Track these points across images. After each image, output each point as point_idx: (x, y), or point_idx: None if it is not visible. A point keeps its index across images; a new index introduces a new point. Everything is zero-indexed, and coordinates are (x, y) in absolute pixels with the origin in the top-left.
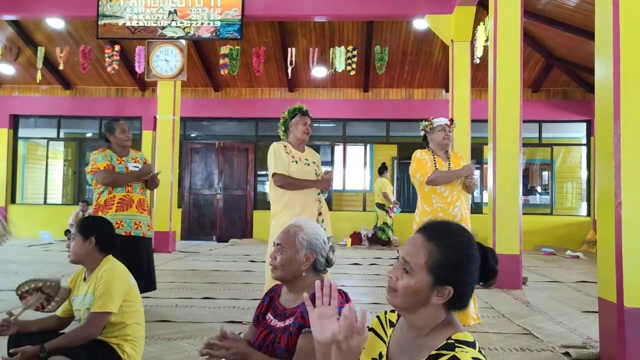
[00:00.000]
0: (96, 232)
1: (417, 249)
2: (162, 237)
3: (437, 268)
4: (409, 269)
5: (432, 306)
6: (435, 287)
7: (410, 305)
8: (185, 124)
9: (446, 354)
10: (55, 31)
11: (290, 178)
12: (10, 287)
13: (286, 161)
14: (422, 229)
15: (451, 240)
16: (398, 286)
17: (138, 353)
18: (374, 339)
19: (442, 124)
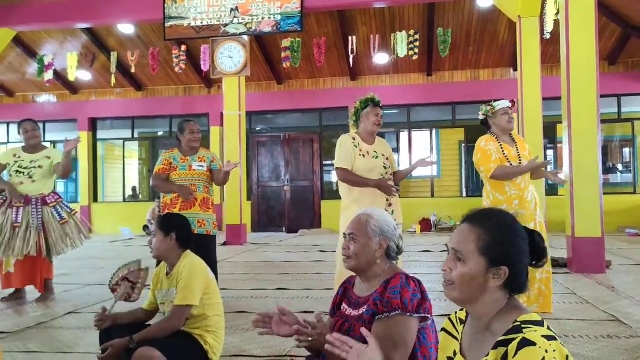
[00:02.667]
0: (176, 229)
1: (465, 236)
2: (234, 230)
3: (488, 248)
4: (461, 256)
5: (491, 291)
6: (490, 269)
7: (470, 294)
8: (251, 118)
9: (515, 337)
10: (126, 36)
11: (350, 175)
12: (97, 282)
13: (352, 155)
14: (465, 219)
15: (495, 220)
16: (454, 277)
17: (219, 343)
18: (447, 338)
19: (505, 107)
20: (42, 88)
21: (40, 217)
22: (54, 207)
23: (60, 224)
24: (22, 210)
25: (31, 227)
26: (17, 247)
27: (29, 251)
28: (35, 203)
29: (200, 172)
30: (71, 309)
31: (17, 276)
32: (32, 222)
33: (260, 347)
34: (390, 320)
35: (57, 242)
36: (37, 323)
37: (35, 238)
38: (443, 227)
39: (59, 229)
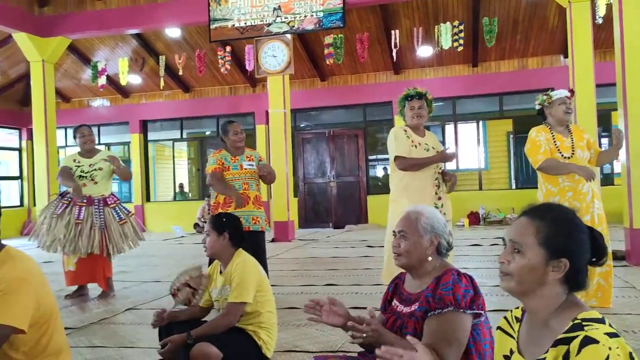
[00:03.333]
0: (229, 228)
1: (524, 227)
2: (282, 226)
3: (548, 240)
4: (520, 248)
5: (550, 285)
6: (550, 261)
7: (528, 287)
8: (295, 116)
9: (576, 335)
10: (173, 39)
11: (412, 159)
12: (153, 279)
13: (407, 145)
14: (523, 213)
15: (555, 213)
16: (511, 269)
17: (272, 339)
18: (503, 336)
19: (562, 97)
20: (96, 93)
21: (102, 217)
22: (113, 208)
23: (120, 225)
24: (85, 210)
25: (95, 227)
26: (83, 245)
27: (94, 250)
28: (98, 203)
29: (251, 171)
30: (130, 305)
31: (78, 274)
32: (95, 221)
33: (312, 342)
34: (442, 317)
35: (118, 241)
36: (100, 319)
37: (99, 237)
38: (492, 220)
39: (119, 229)
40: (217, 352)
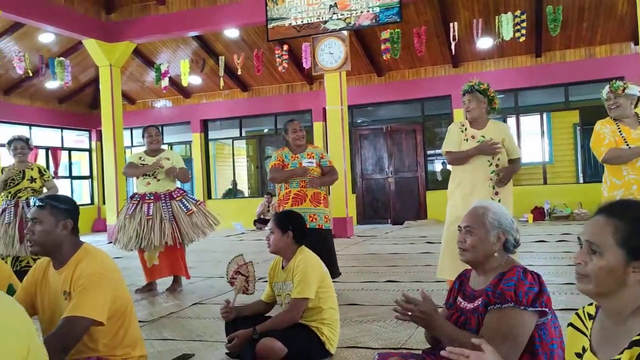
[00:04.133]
0: (292, 226)
1: (601, 227)
2: (340, 222)
3: (628, 240)
4: (597, 249)
5: (630, 287)
6: (631, 262)
7: (607, 289)
8: (352, 112)
9: None
10: (232, 40)
11: (454, 153)
12: (217, 275)
13: (457, 140)
14: (599, 211)
15: (634, 211)
16: (589, 271)
17: (335, 335)
18: (575, 334)
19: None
20: (159, 94)
21: (170, 210)
22: (180, 200)
23: (188, 215)
24: (153, 205)
25: (164, 220)
26: (156, 238)
27: (167, 240)
28: (164, 198)
29: (310, 169)
30: (197, 300)
31: (162, 267)
32: (164, 215)
33: (375, 339)
34: (501, 312)
35: (188, 231)
36: (168, 313)
37: (170, 229)
38: (558, 216)
39: (188, 219)
40: (282, 347)
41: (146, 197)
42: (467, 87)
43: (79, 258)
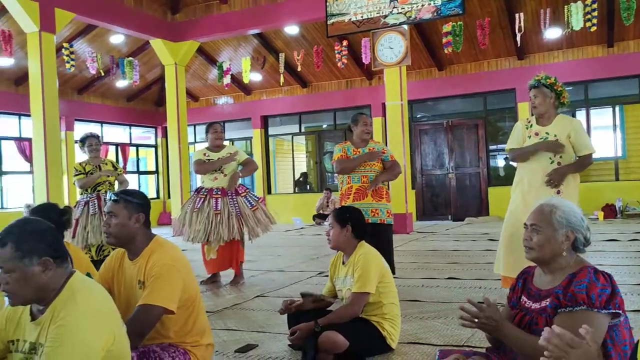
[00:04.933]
0: (351, 221)
1: None
2: (400, 218)
3: None
4: None
5: None
6: None
7: None
8: (412, 107)
9: None
10: (292, 37)
11: (515, 150)
12: (278, 269)
13: (520, 137)
14: None
15: None
16: None
17: (396, 330)
18: None
19: None
20: (221, 91)
21: (236, 205)
22: (244, 196)
23: (252, 211)
24: (221, 200)
25: (232, 215)
26: (224, 232)
27: (235, 236)
28: (231, 194)
29: (370, 164)
30: (259, 292)
31: (219, 261)
32: (231, 210)
33: (437, 335)
34: (573, 315)
35: (253, 227)
36: (232, 304)
37: (237, 224)
38: (631, 214)
39: (252, 215)
40: (344, 340)
41: (213, 191)
42: (533, 82)
43: (151, 250)
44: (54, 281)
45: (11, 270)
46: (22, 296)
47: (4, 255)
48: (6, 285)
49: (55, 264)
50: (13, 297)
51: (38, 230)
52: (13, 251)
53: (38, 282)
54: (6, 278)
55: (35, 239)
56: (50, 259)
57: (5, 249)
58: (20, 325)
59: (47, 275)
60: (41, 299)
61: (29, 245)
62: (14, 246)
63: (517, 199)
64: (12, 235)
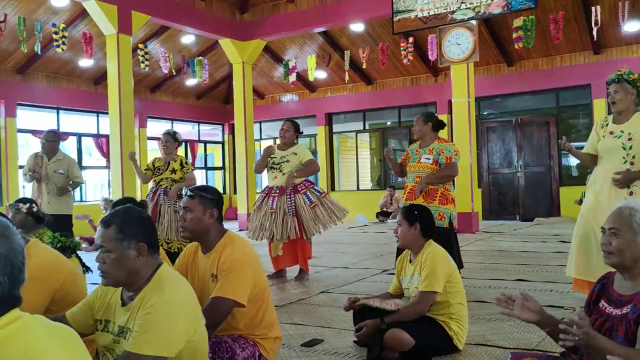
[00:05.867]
0: (420, 219)
1: None
2: (465, 218)
3: None
4: None
5: None
6: None
7: None
8: (479, 104)
9: None
10: (357, 34)
11: (578, 154)
12: (342, 265)
13: (593, 138)
14: None
15: None
16: None
17: (463, 331)
18: None
19: None
20: (286, 89)
21: (293, 204)
22: (304, 193)
23: (310, 208)
24: (278, 199)
25: (287, 214)
26: (278, 231)
27: (289, 235)
28: (289, 192)
29: (425, 165)
30: (323, 288)
31: (285, 258)
32: (287, 209)
33: (506, 338)
34: None
35: (309, 224)
36: (298, 299)
37: (293, 223)
38: None
39: (310, 212)
40: (410, 338)
41: (273, 190)
42: (615, 77)
43: (224, 244)
44: (145, 268)
45: (110, 250)
46: (115, 277)
47: (107, 235)
48: (103, 264)
49: (148, 252)
50: (107, 276)
51: (139, 218)
52: (116, 233)
53: (131, 266)
54: (104, 257)
55: (136, 225)
56: (145, 246)
57: (109, 230)
58: (110, 307)
59: (140, 261)
60: (131, 284)
61: (130, 229)
62: (117, 228)
63: (589, 199)
64: (117, 219)
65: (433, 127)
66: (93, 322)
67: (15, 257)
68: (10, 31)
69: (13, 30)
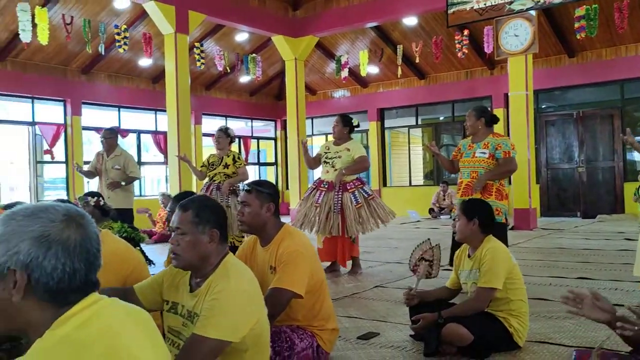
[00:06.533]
0: (478, 214)
1: None
2: (522, 214)
3: None
4: None
5: None
6: None
7: None
8: (538, 97)
9: None
10: (409, 28)
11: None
12: (395, 260)
13: None
14: None
15: None
16: None
17: (524, 328)
18: None
19: None
20: (338, 85)
21: (339, 201)
22: (352, 192)
23: (356, 208)
24: (325, 195)
25: (332, 211)
26: (321, 226)
27: (332, 232)
28: (337, 189)
29: (480, 159)
30: (377, 283)
31: (324, 251)
32: (333, 206)
33: (568, 336)
34: None
35: (352, 224)
36: (351, 293)
37: (337, 220)
38: None
39: (355, 212)
40: (469, 334)
41: (322, 184)
42: None
43: (281, 237)
44: (214, 255)
45: (185, 233)
46: (186, 259)
47: (184, 218)
48: (177, 246)
49: (219, 240)
50: (178, 258)
51: (215, 206)
52: (192, 216)
53: (203, 251)
54: (179, 239)
55: (212, 212)
56: (218, 233)
57: (186, 213)
58: (179, 291)
59: (211, 247)
60: (200, 269)
61: (205, 215)
62: (194, 212)
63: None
64: (194, 204)
65: (486, 122)
66: (161, 300)
67: (91, 244)
68: (76, 33)
69: (78, 32)
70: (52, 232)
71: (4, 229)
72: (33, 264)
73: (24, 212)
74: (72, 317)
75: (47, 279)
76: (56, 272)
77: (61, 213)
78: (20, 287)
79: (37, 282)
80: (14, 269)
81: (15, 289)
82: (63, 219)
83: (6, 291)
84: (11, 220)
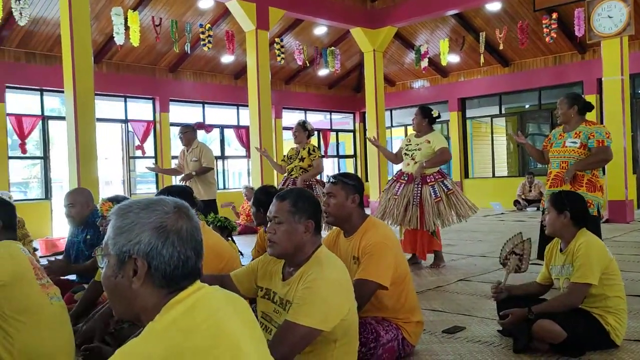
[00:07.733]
0: (570, 207)
1: None
2: (617, 206)
3: None
4: None
5: None
6: None
7: None
8: (634, 81)
9: None
10: (492, 14)
11: None
12: (479, 254)
13: None
14: None
15: None
16: None
17: (622, 326)
18: None
19: None
20: (417, 75)
21: (418, 194)
22: (432, 186)
23: (435, 202)
24: (405, 187)
25: (410, 204)
26: (399, 218)
27: (410, 224)
28: (418, 182)
29: (571, 149)
30: (461, 276)
31: (404, 243)
32: (412, 199)
33: None
34: None
35: (430, 218)
36: (435, 286)
37: (416, 213)
38: None
39: (433, 206)
40: (562, 331)
41: (402, 176)
42: None
43: (365, 228)
44: (308, 246)
45: (282, 222)
46: (281, 247)
47: (281, 207)
48: (273, 234)
49: (314, 231)
50: (274, 246)
51: (311, 198)
52: (290, 206)
53: (297, 240)
54: (275, 228)
55: (308, 203)
56: (313, 224)
57: (284, 203)
58: (273, 279)
59: (306, 237)
60: (293, 258)
61: (302, 205)
62: (291, 202)
63: None
64: (292, 195)
65: (579, 111)
66: (255, 287)
67: (197, 233)
68: (164, 34)
69: (166, 33)
70: (168, 222)
71: (122, 221)
72: (153, 252)
73: (138, 205)
74: (179, 303)
75: (164, 266)
76: (172, 259)
77: (172, 205)
78: (141, 275)
79: (156, 269)
80: (136, 257)
81: (137, 276)
82: (175, 211)
83: (125, 278)
84: (128, 212)
